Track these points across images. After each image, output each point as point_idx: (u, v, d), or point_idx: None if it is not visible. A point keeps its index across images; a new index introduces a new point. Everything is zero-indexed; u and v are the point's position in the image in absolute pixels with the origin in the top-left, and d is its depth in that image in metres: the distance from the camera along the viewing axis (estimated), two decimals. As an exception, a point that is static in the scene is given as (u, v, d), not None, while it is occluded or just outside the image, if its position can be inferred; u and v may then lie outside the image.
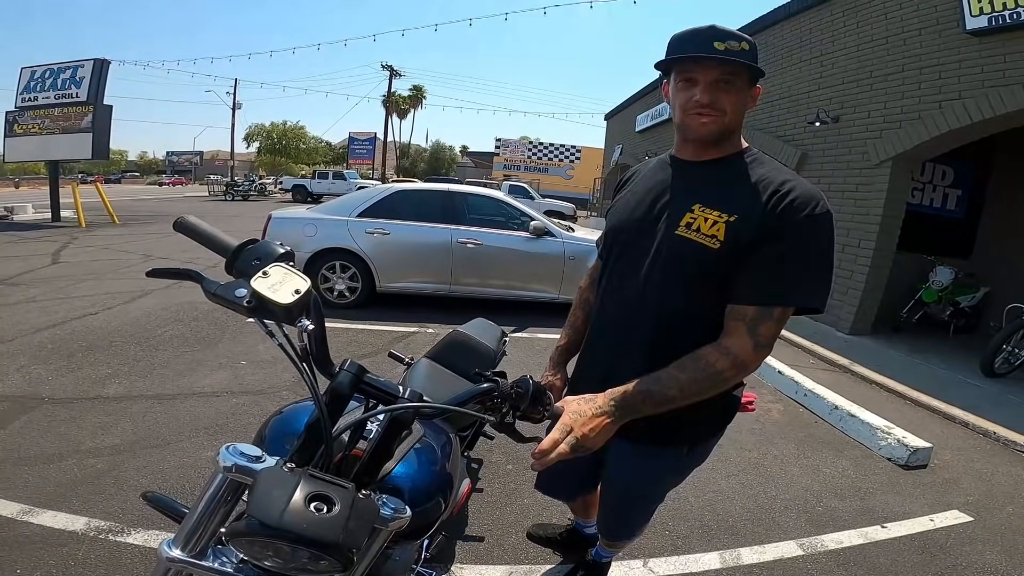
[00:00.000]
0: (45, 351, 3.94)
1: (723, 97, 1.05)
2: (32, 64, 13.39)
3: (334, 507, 0.72)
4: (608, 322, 1.26)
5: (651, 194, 1.20)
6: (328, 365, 0.86)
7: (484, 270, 5.59)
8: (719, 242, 1.03)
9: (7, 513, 2.10)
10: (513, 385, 0.90)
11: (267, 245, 0.84)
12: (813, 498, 2.70)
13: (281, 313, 0.76)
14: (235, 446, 0.81)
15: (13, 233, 10.91)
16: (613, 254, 1.27)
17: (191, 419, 2.99)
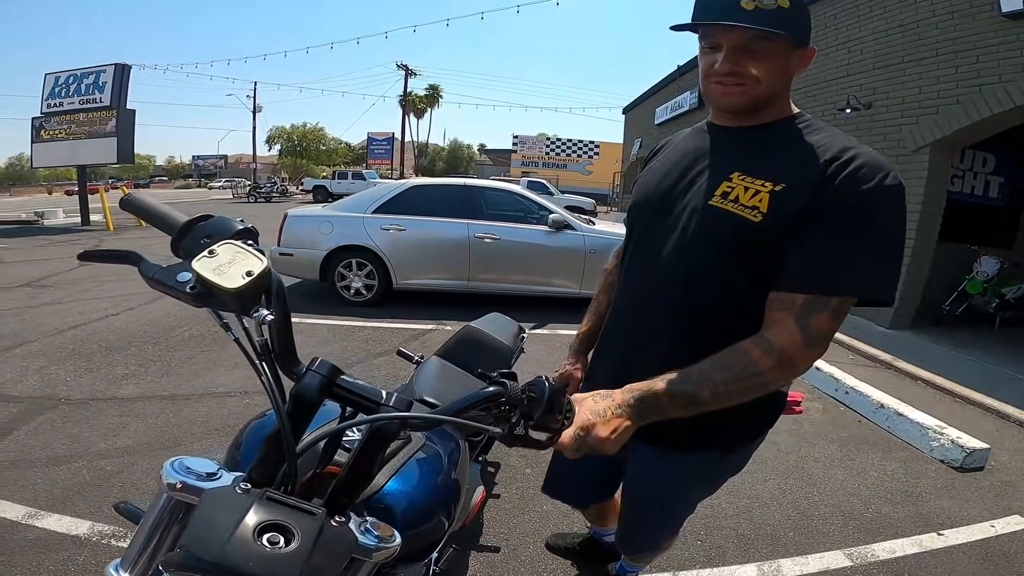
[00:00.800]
0: (65, 352, 3.95)
1: (751, 64, 0.89)
2: (55, 70, 13.68)
3: (292, 540, 0.58)
4: (627, 307, 1.13)
5: (683, 163, 1.06)
6: (293, 364, 0.72)
7: (502, 265, 5.46)
8: (761, 214, 0.88)
9: (12, 516, 2.05)
10: (525, 388, 0.74)
11: (222, 220, 0.70)
12: (860, 504, 2.51)
13: (230, 300, 0.63)
14: (182, 460, 0.68)
15: (44, 237, 11.20)
16: (636, 230, 1.13)
17: (203, 420, 2.93)
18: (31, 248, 9.67)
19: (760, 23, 0.85)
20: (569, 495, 1.52)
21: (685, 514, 1.30)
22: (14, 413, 2.93)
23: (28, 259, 8.38)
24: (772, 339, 0.85)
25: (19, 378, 3.44)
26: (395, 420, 0.70)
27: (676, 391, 0.84)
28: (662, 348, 1.02)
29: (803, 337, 0.84)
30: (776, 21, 0.85)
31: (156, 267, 0.66)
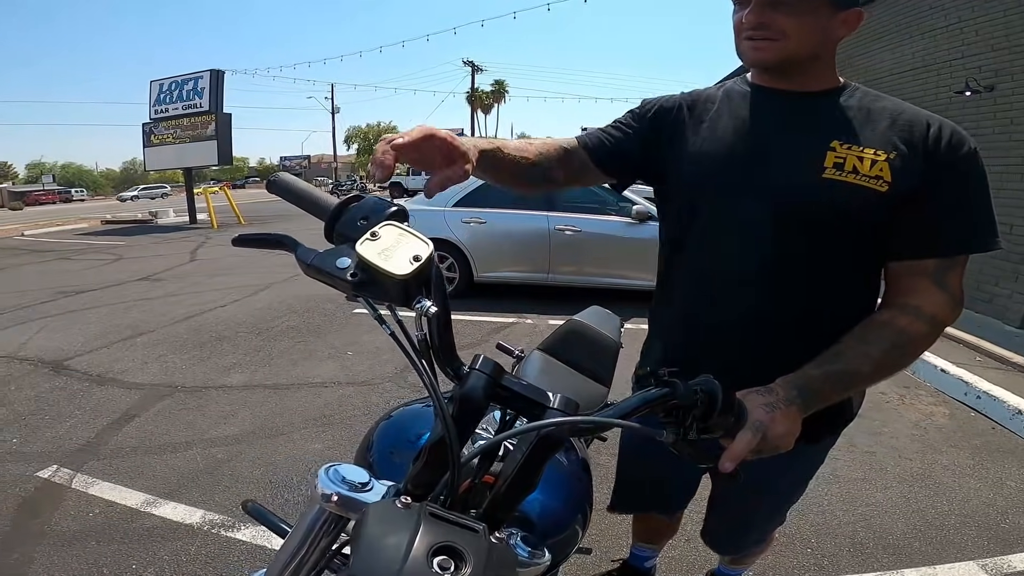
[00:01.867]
0: (180, 341, 4.28)
1: (778, 18, 0.84)
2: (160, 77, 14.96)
3: (464, 567, 0.50)
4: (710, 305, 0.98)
5: (751, 133, 0.93)
6: (454, 362, 0.64)
7: (583, 257, 5.32)
8: (886, 183, 0.83)
9: (132, 503, 2.20)
10: (697, 388, 0.64)
11: (375, 200, 0.62)
12: (997, 514, 2.23)
13: (394, 289, 0.55)
14: (337, 468, 0.63)
15: (158, 235, 12.36)
16: (703, 214, 0.96)
17: (302, 409, 3.05)
18: (147, 245, 10.69)
19: None
20: (653, 503, 1.39)
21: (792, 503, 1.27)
22: (136, 400, 3.20)
23: (144, 255, 9.27)
24: (919, 304, 0.85)
25: (141, 366, 3.76)
26: (566, 425, 0.61)
27: (836, 373, 0.82)
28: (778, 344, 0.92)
29: (947, 298, 0.86)
30: None
31: (313, 252, 0.59)
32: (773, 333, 0.92)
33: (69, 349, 4.16)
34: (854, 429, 2.81)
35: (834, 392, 0.82)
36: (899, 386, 3.48)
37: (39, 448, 2.66)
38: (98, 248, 10.47)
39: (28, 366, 3.83)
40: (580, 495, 0.90)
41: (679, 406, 0.64)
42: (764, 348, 0.91)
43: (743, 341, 0.94)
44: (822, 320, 0.90)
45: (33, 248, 11.16)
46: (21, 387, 3.44)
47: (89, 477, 2.39)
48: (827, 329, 0.87)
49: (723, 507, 1.26)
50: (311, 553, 0.69)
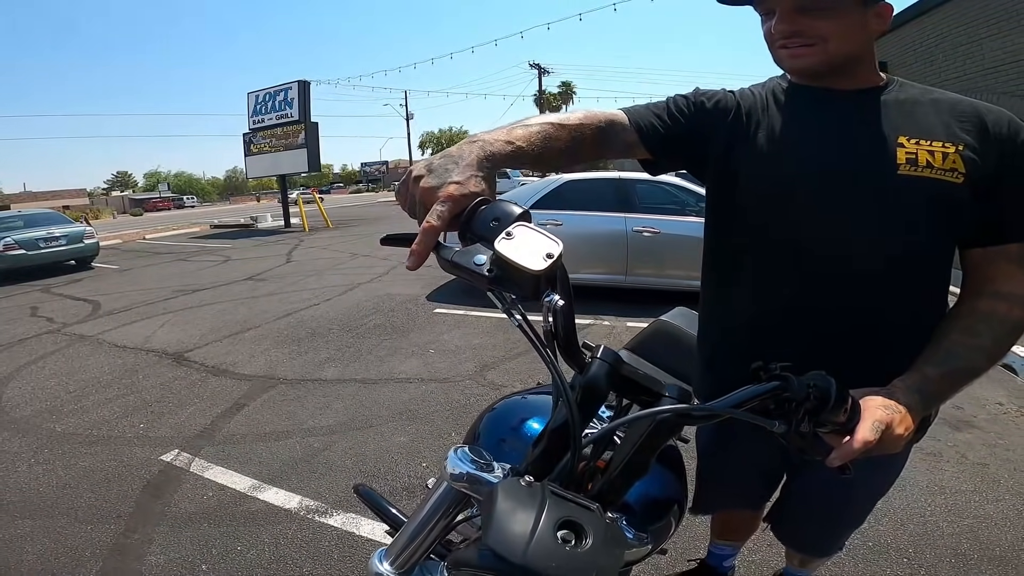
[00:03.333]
0: (282, 337, 4.66)
1: (811, 23, 0.83)
2: (255, 89, 16.18)
3: (585, 539, 0.54)
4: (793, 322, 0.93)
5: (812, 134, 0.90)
6: (576, 352, 0.69)
7: (662, 260, 5.20)
8: (961, 175, 0.82)
9: (241, 487, 2.43)
10: (810, 383, 0.65)
11: (503, 205, 0.66)
12: None
13: (528, 284, 0.60)
14: (463, 450, 0.69)
15: (258, 238, 13.45)
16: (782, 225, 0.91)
17: (388, 403, 3.22)
18: (250, 247, 11.67)
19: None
20: (738, 500, 1.37)
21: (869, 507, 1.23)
22: (245, 390, 3.52)
23: (248, 257, 10.13)
24: (1011, 290, 0.85)
25: (248, 359, 4.13)
26: (679, 413, 0.65)
27: (954, 371, 0.82)
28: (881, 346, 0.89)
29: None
30: None
31: (452, 249, 0.65)
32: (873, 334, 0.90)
33: (188, 342, 4.65)
34: (967, 442, 2.59)
35: (951, 390, 0.83)
36: (1018, 398, 3.13)
37: (163, 433, 2.99)
38: (209, 250, 11.58)
39: (154, 357, 4.32)
40: (676, 487, 0.93)
41: (790, 399, 0.65)
42: (867, 348, 0.89)
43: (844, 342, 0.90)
44: (917, 317, 0.89)
45: (154, 251, 12.53)
46: (148, 376, 3.89)
47: (205, 462, 2.66)
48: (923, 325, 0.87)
49: (805, 503, 1.22)
50: (432, 532, 0.75)
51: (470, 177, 0.67)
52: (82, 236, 9.90)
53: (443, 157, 0.69)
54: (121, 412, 3.29)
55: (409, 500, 2.25)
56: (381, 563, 0.78)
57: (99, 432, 3.05)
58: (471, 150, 0.70)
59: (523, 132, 0.79)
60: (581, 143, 0.86)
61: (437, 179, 0.66)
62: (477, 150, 0.71)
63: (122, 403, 3.43)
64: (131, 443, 2.90)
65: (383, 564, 0.77)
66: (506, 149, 0.75)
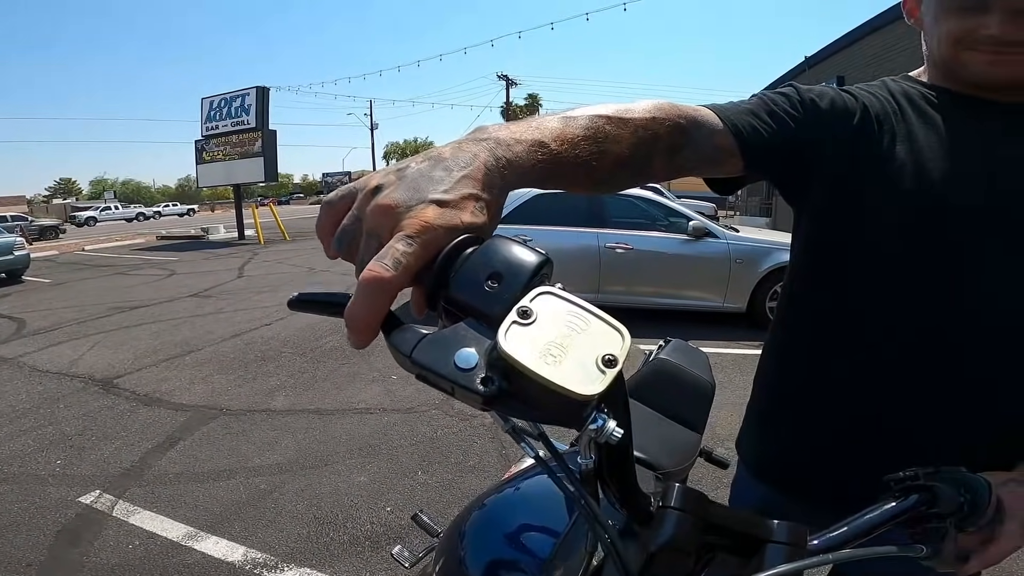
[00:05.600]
0: (227, 361, 4.25)
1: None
2: (209, 94, 15.54)
3: None
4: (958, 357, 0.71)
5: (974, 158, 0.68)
6: (635, 496, 0.43)
7: (636, 277, 5.08)
8: None
9: (174, 536, 2.10)
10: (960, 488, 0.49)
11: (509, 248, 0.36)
12: None
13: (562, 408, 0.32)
14: None
15: (209, 251, 12.75)
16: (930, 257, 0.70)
17: (346, 437, 2.91)
18: (198, 261, 11.01)
19: None
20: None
21: None
22: (181, 422, 3.14)
23: (196, 271, 9.53)
24: None
25: (187, 386, 3.73)
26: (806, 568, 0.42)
27: None
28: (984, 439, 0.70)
29: None
30: None
31: (416, 336, 0.34)
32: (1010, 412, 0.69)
33: (120, 367, 4.18)
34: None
35: None
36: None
37: (83, 471, 2.62)
38: (153, 264, 10.86)
39: (79, 383, 3.86)
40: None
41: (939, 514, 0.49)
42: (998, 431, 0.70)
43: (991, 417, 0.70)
44: None
45: (93, 263, 11.68)
46: (70, 405, 3.44)
47: (131, 505, 2.31)
48: None
49: None
50: None
51: (466, 198, 0.38)
52: (11, 247, 9.11)
53: (427, 160, 0.39)
54: (36, 447, 2.88)
55: (372, 552, 1.97)
56: None
57: (8, 469, 2.65)
58: (475, 152, 0.41)
59: (560, 128, 0.48)
60: (651, 148, 0.58)
61: (408, 193, 0.36)
62: (485, 153, 0.41)
63: (37, 436, 3.00)
64: (45, 482, 2.52)
65: None
66: (534, 157, 0.44)
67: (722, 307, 4.97)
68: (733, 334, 4.76)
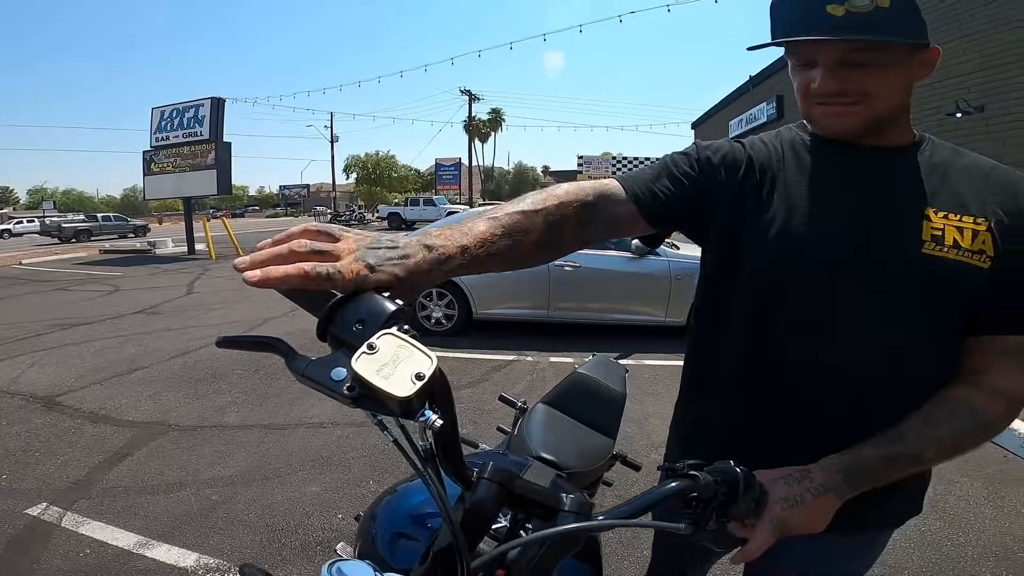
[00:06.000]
0: (176, 378, 4.23)
1: (859, 79, 0.73)
2: (160, 104, 15.03)
3: None
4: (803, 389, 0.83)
5: (834, 200, 0.80)
6: (461, 469, 0.63)
7: (584, 293, 5.32)
8: (989, 259, 0.73)
9: (124, 544, 2.15)
10: (717, 478, 0.64)
11: (374, 301, 0.56)
12: (1015, 544, 2.22)
13: (397, 407, 0.52)
14: (340, 567, 0.61)
15: (156, 265, 12.34)
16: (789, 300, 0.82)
17: (299, 450, 2.99)
18: (144, 276, 10.66)
19: (858, 31, 0.70)
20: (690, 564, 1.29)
21: None
22: (128, 438, 3.14)
23: (142, 287, 9.23)
24: (997, 384, 0.76)
25: (134, 404, 3.70)
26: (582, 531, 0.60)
27: (893, 455, 0.74)
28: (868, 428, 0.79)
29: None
30: (877, 23, 0.69)
31: (306, 361, 0.55)
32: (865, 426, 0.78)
33: (62, 384, 4.09)
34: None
35: (886, 474, 0.75)
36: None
37: (28, 485, 2.60)
38: (96, 279, 10.44)
39: (20, 401, 3.77)
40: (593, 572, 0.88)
41: (700, 498, 0.63)
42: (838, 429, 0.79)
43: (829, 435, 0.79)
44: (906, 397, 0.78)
45: (32, 278, 11.12)
46: (12, 423, 3.37)
47: (80, 516, 2.33)
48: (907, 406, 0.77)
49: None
50: None
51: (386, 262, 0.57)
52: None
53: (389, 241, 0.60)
54: (-25, 464, 2.81)
55: (324, 555, 2.07)
56: None
57: (-54, 487, 2.58)
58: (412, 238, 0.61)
59: (483, 230, 0.66)
60: (561, 228, 0.72)
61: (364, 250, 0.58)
62: (418, 237, 0.61)
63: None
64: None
65: None
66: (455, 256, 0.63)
67: (664, 322, 5.28)
68: (675, 347, 5.07)
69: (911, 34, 0.72)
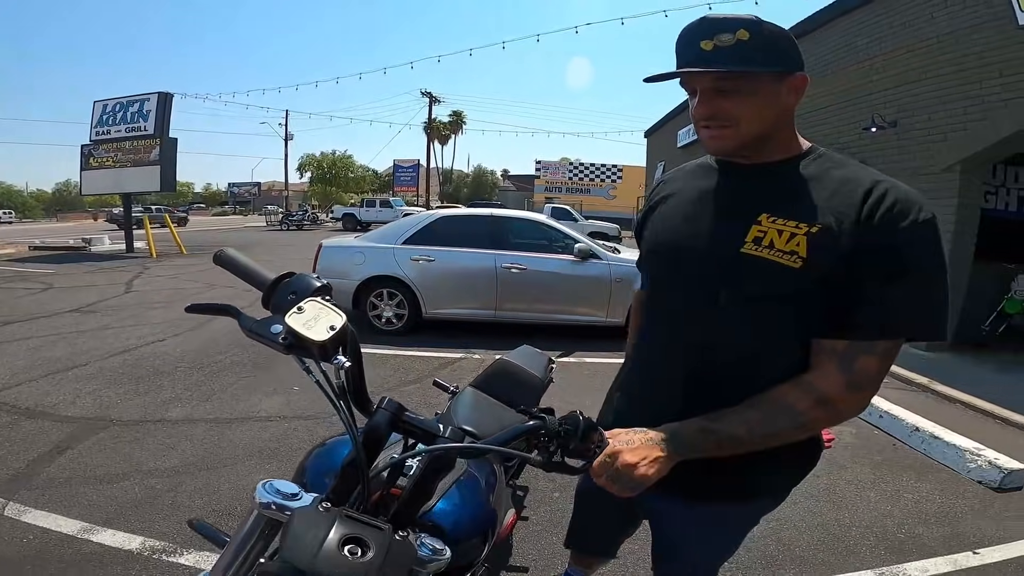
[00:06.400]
0: (115, 375, 4.17)
1: (728, 105, 0.85)
2: (104, 98, 14.35)
3: (368, 551, 0.68)
4: (655, 363, 1.06)
5: (698, 205, 0.99)
6: (366, 403, 0.85)
7: (529, 295, 5.56)
8: (801, 259, 0.83)
9: (68, 531, 2.19)
10: (561, 422, 0.84)
11: (303, 279, 0.83)
12: (894, 525, 2.51)
13: (316, 350, 0.75)
14: (272, 483, 0.80)
15: (91, 263, 11.77)
16: (653, 281, 1.08)
17: (246, 443, 3.07)
18: (79, 274, 10.18)
19: (722, 63, 0.82)
20: (596, 547, 1.51)
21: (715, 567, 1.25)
22: (68, 432, 3.12)
23: (77, 284, 8.84)
24: (813, 381, 0.85)
25: (72, 400, 3.65)
26: (452, 450, 0.81)
27: (712, 429, 0.86)
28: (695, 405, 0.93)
29: (847, 380, 0.84)
30: (735, 56, 0.82)
31: (252, 320, 0.79)
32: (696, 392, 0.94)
33: (-6, 382, 3.98)
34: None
35: (707, 446, 0.86)
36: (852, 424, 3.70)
37: (-36, 480, 2.57)
38: (26, 276, 9.88)
39: (-53, 400, 3.64)
40: (487, 517, 1.07)
41: (548, 435, 0.83)
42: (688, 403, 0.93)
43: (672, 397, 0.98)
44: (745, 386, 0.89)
45: (-51, 275, 10.41)
46: (-60, 422, 3.28)
47: (22, 506, 2.35)
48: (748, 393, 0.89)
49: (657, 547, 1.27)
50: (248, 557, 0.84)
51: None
52: None
53: None
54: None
55: (265, 537, 2.18)
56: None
57: None
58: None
59: None
60: None
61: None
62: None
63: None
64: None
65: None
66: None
67: (605, 322, 5.58)
68: (614, 345, 5.38)
69: (772, 64, 0.84)
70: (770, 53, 0.84)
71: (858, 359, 0.83)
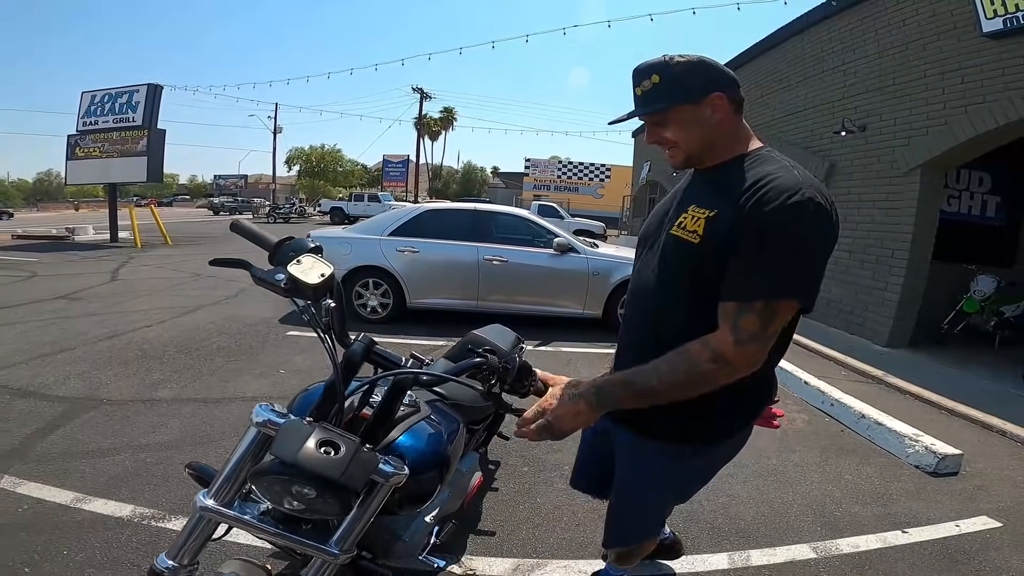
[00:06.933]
0: (104, 359, 4.28)
1: (665, 133, 1.11)
2: (92, 89, 14.31)
3: (339, 451, 0.87)
4: (625, 323, 1.32)
5: (668, 202, 1.27)
6: (345, 337, 1.05)
7: (510, 286, 5.75)
8: (698, 236, 1.05)
9: (61, 500, 2.31)
10: (502, 360, 1.05)
11: (300, 241, 1.04)
12: (832, 503, 2.70)
13: (309, 292, 0.95)
14: (266, 405, 0.98)
15: (75, 253, 11.74)
16: (635, 261, 1.34)
17: (233, 420, 3.21)
18: (63, 263, 10.18)
19: (647, 104, 1.10)
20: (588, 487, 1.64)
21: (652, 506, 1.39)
22: (60, 411, 3.24)
23: (62, 272, 8.86)
24: (710, 339, 1.01)
25: (62, 380, 3.76)
26: (410, 375, 1.02)
27: (629, 381, 1.03)
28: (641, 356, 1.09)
29: (734, 338, 0.98)
30: (653, 97, 1.08)
31: (261, 270, 1.00)
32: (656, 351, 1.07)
33: (-17, 365, 4.06)
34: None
35: (627, 397, 1.03)
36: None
37: (-41, 456, 2.67)
38: (9, 264, 9.86)
39: (-63, 381, 3.73)
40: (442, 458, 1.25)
41: (490, 370, 1.05)
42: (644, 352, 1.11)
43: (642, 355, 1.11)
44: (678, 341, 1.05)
45: (-71, 262, 10.33)
46: (-68, 401, 3.37)
47: (16, 478, 2.46)
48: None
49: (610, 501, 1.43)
50: (243, 471, 1.02)
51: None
52: None
53: None
54: None
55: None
56: (205, 499, 1.03)
57: None
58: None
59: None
60: None
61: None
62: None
63: None
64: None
65: (207, 499, 1.03)
66: None
67: (582, 314, 5.78)
68: (590, 336, 5.59)
69: (679, 99, 1.07)
70: (677, 89, 1.07)
71: (741, 317, 0.99)
